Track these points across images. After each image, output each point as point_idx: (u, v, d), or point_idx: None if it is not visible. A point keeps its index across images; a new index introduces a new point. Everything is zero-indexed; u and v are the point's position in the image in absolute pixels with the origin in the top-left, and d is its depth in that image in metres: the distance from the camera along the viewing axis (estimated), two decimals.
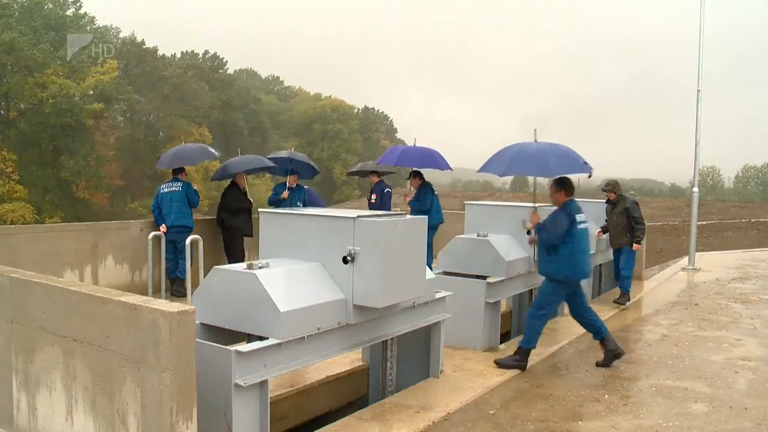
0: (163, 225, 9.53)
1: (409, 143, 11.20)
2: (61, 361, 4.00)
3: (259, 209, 5.66)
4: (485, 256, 7.52)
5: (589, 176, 7.58)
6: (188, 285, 8.33)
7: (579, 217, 6.81)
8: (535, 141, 7.65)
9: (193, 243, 8.24)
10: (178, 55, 73.89)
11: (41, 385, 4.19)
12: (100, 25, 68.00)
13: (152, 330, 3.38)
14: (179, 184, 9.92)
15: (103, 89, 57.14)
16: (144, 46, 67.87)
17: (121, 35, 71.26)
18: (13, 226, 32.68)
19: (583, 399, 5.76)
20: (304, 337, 4.53)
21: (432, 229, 9.93)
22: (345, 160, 77.44)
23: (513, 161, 7.55)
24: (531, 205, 8.22)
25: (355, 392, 6.62)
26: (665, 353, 7.30)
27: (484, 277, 7.41)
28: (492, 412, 5.41)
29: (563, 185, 7.04)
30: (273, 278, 4.47)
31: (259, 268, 4.53)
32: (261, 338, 4.40)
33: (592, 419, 5.30)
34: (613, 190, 10.49)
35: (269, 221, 5.33)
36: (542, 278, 7.19)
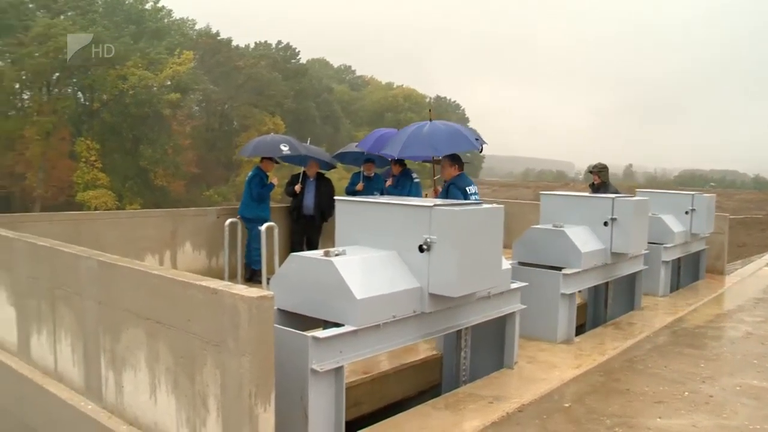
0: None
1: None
2: (145, 342, 4.12)
3: (336, 197, 5.70)
4: (561, 246, 7.40)
5: (480, 151, 8.21)
6: (263, 272, 8.47)
7: (470, 189, 7.38)
8: (430, 120, 8.25)
9: (268, 230, 8.36)
10: (252, 46, 75.07)
11: (127, 365, 4.32)
12: (177, 18, 69.60)
13: (232, 314, 3.44)
14: (250, 174, 10.10)
15: (180, 80, 58.65)
16: (219, 38, 69.19)
17: (197, 27, 72.83)
18: (98, 212, 33.87)
19: (662, 395, 5.60)
20: (379, 324, 4.54)
21: None
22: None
23: (407, 143, 8.15)
24: (607, 196, 8.09)
25: (428, 381, 6.62)
26: (750, 352, 7.01)
27: (559, 269, 7.29)
28: (567, 405, 5.33)
29: (455, 160, 7.62)
30: (350, 266, 4.50)
31: (336, 255, 4.57)
32: (337, 325, 4.43)
33: (671, 417, 5.15)
34: (598, 174, 10.23)
35: (345, 209, 5.36)
36: (620, 270, 7.10)
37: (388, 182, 10.36)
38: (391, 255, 4.92)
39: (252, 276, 9.69)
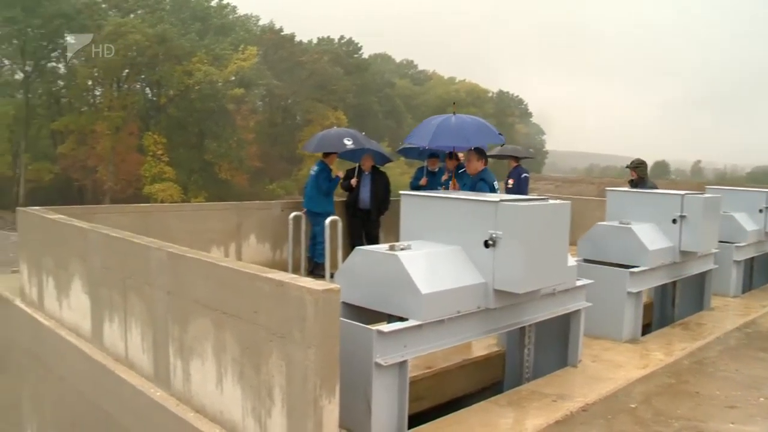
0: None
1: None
2: (212, 332, 4.19)
3: (401, 192, 5.70)
4: (628, 244, 7.25)
5: (502, 145, 8.52)
6: (327, 266, 8.53)
7: (496, 184, 7.51)
8: (454, 114, 8.33)
9: (332, 224, 8.42)
10: (315, 41, 75.62)
11: (194, 354, 4.41)
12: (241, 14, 70.69)
13: (298, 307, 3.47)
14: (315, 168, 10.07)
15: (244, 75, 59.57)
16: (282, 33, 69.95)
17: (261, 23, 73.82)
18: (167, 204, 34.65)
19: (734, 400, 5.40)
20: (443, 319, 4.54)
21: None
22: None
23: (437, 133, 8.15)
24: (676, 192, 7.88)
25: (491, 377, 6.57)
26: None
27: (625, 266, 7.15)
28: (633, 405, 5.21)
29: (483, 154, 7.66)
30: (415, 260, 4.50)
31: (401, 249, 4.57)
32: (401, 319, 4.44)
33: (745, 423, 4.96)
34: (635, 169, 9.95)
35: (410, 204, 5.36)
36: (689, 269, 6.94)
37: (444, 176, 10.31)
38: (456, 250, 4.90)
39: (314, 269, 9.77)
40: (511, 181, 11.41)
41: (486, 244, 4.75)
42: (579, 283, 5.97)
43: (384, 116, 73.66)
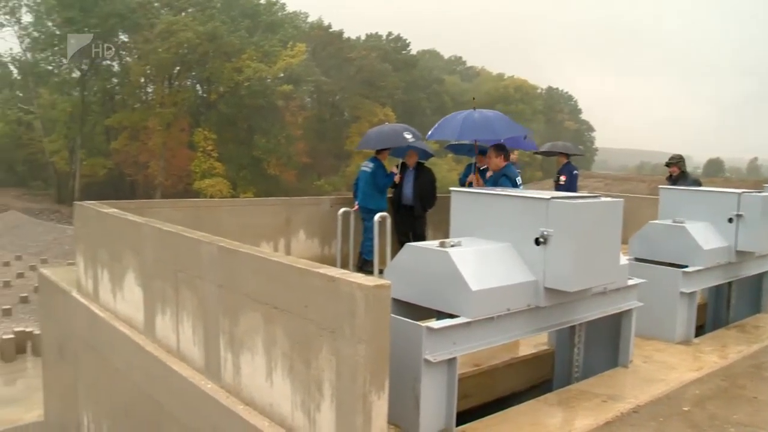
0: (356, 203, 9.77)
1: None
2: (263, 326, 4.23)
3: (451, 188, 5.68)
4: (681, 243, 7.09)
5: (525, 137, 8.47)
6: (375, 263, 8.54)
7: (519, 180, 7.62)
8: (474, 109, 8.38)
9: (381, 220, 8.42)
10: (363, 38, 75.86)
11: (244, 347, 4.46)
12: (290, 11, 71.24)
13: (349, 302, 3.48)
14: (371, 165, 9.97)
15: (293, 72, 60.05)
16: (330, 30, 70.32)
17: (309, 20, 74.32)
18: (217, 199, 35.15)
19: None
20: (493, 317, 4.51)
21: None
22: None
23: (464, 127, 8.24)
24: (732, 190, 7.70)
25: (539, 376, 6.51)
26: None
27: (679, 266, 7.00)
28: (686, 408, 5.10)
29: (503, 150, 7.79)
30: (465, 257, 4.48)
31: (451, 246, 4.56)
32: (450, 316, 4.42)
33: None
34: (677, 164, 9.66)
35: (460, 200, 5.34)
36: (746, 269, 6.78)
37: (489, 173, 10.21)
38: (506, 247, 4.87)
39: (363, 265, 9.79)
40: (563, 178, 11.28)
41: (537, 242, 4.71)
42: (631, 282, 5.87)
43: (432, 113, 73.47)
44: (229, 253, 4.59)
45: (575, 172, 11.42)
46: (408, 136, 9.67)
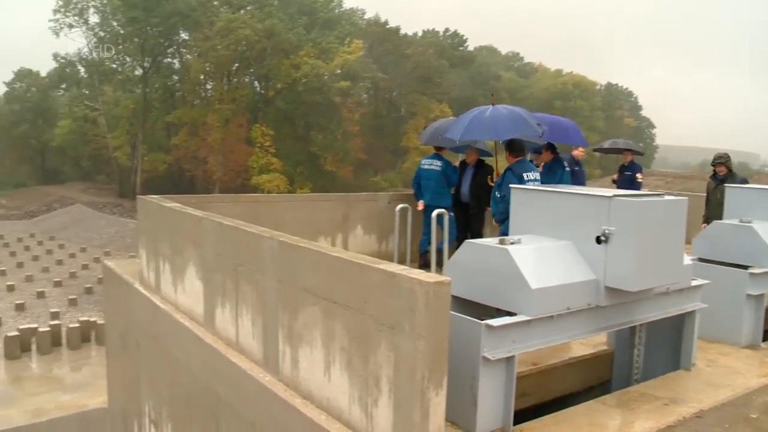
0: (421, 202, 9.63)
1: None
2: (321, 320, 4.26)
3: (510, 185, 5.63)
4: (748, 243, 6.87)
5: (542, 135, 8.24)
6: (432, 259, 8.52)
7: (527, 175, 7.73)
8: (492, 105, 8.34)
9: (440, 217, 8.38)
10: (420, 34, 75.72)
11: (303, 341, 4.50)
12: (347, 8, 71.60)
13: (409, 298, 3.48)
14: (439, 163, 9.80)
15: (350, 68, 60.33)
16: (387, 26, 70.39)
17: (366, 16, 74.56)
18: (276, 195, 35.59)
19: None
20: (553, 315, 4.45)
21: None
22: (585, 139, 75.02)
23: (469, 127, 8.19)
24: None
25: (597, 376, 6.40)
26: None
27: (745, 267, 6.79)
28: (754, 416, 4.93)
29: (510, 147, 7.95)
30: (525, 254, 4.43)
31: (511, 244, 4.52)
32: (509, 314, 4.39)
33: None
34: (725, 164, 9.28)
35: (520, 198, 5.28)
36: None
37: (539, 169, 10.05)
38: (567, 245, 4.80)
39: (427, 263, 9.70)
40: (639, 176, 11.09)
41: (598, 240, 4.63)
42: (694, 283, 5.72)
43: None
44: (289, 248, 4.63)
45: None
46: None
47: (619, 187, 10.34)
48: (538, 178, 8.00)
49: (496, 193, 8.07)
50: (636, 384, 5.73)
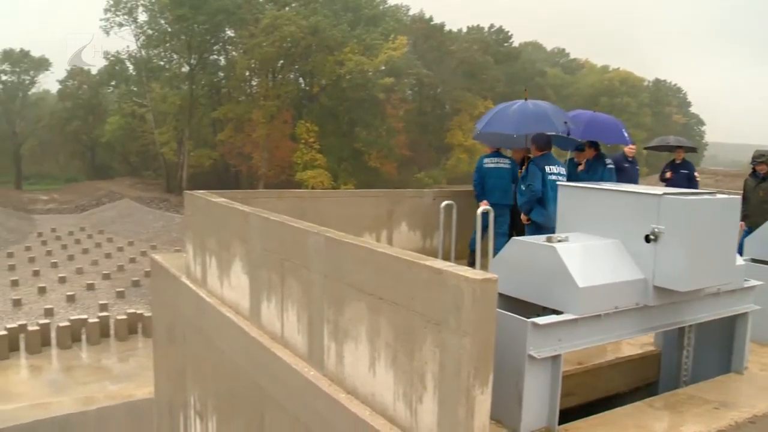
0: (485, 201, 9.27)
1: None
2: (367, 316, 4.27)
3: (558, 182, 5.58)
4: None
5: (568, 134, 8.24)
6: (477, 256, 8.47)
7: (549, 169, 7.76)
8: (525, 99, 8.32)
9: (485, 214, 8.32)
10: (464, 30, 75.39)
11: (348, 337, 4.51)
12: (391, 4, 71.60)
13: (455, 295, 3.46)
14: (506, 160, 9.56)
15: (394, 65, 60.35)
16: (432, 23, 70.21)
17: (411, 12, 74.47)
18: (321, 191, 35.82)
19: None
20: (600, 315, 4.40)
21: None
22: (632, 136, 73.90)
23: (493, 118, 8.33)
24: None
25: (644, 378, 6.31)
26: None
27: None
28: None
29: (535, 141, 7.98)
30: (572, 252, 4.39)
31: (558, 241, 4.47)
32: (556, 312, 4.34)
33: None
34: (766, 162, 8.93)
35: (567, 195, 5.23)
36: None
37: (580, 167, 9.89)
38: (615, 244, 4.74)
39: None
40: (698, 174, 10.89)
41: (647, 239, 4.56)
42: (747, 284, 5.58)
43: None
44: (335, 243, 4.64)
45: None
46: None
47: (674, 186, 10.10)
48: (562, 172, 8.01)
49: (522, 185, 8.09)
50: (684, 386, 5.62)
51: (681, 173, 11.03)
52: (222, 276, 6.96)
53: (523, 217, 8.16)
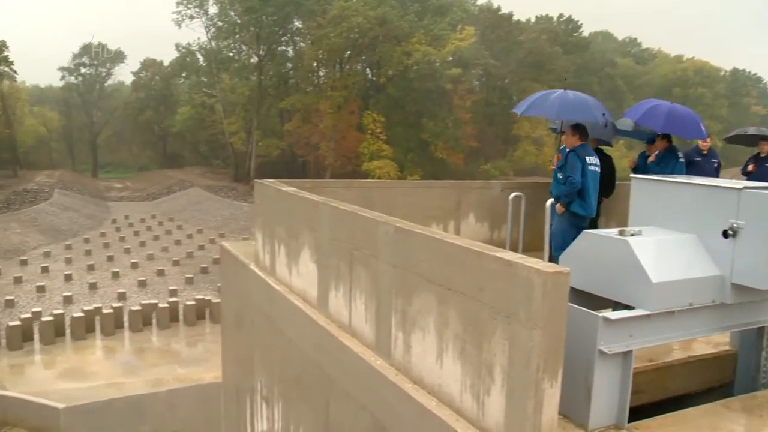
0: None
1: None
2: (435, 307, 4.26)
3: (631, 175, 5.46)
4: None
5: (605, 126, 8.27)
6: (545, 248, 8.36)
7: (590, 159, 7.74)
8: (564, 90, 8.25)
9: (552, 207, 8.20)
10: (533, 20, 74.28)
11: (416, 327, 4.51)
12: None
13: (526, 287, 3.43)
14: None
15: (461, 55, 59.97)
16: (500, 13, 69.45)
17: (479, 2, 73.85)
18: (389, 181, 35.92)
19: None
20: (674, 311, 4.29)
21: None
22: (708, 128, 71.64)
23: (534, 103, 8.35)
24: None
25: (718, 378, 6.11)
26: None
27: None
28: None
29: (578, 130, 7.90)
30: (646, 246, 4.29)
31: (632, 235, 4.38)
32: (627, 307, 4.26)
33: None
34: None
35: (641, 188, 5.11)
36: None
37: (651, 158, 9.60)
38: (690, 238, 4.61)
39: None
40: (750, 167, 10.47)
41: (725, 234, 4.42)
42: None
43: (604, 97, 70.64)
44: (405, 233, 4.64)
45: None
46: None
47: (756, 180, 9.69)
48: (598, 164, 8.00)
49: (558, 174, 7.99)
50: (763, 389, 5.42)
51: (765, 167, 10.58)
52: (291, 264, 7.05)
53: (558, 207, 8.01)
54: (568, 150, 7.97)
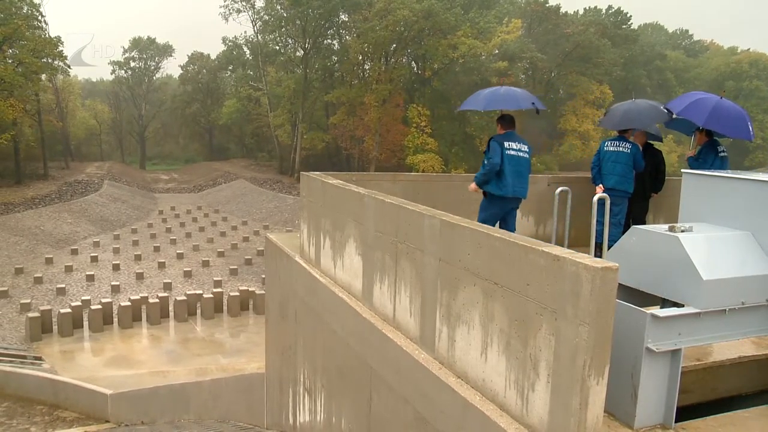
0: (601, 185, 9.08)
1: None
2: (481, 301, 4.24)
3: (683, 170, 5.35)
4: None
5: (537, 112, 8.63)
6: (591, 244, 8.24)
7: (508, 144, 8.06)
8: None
9: (601, 202, 8.07)
10: (581, 12, 73.25)
11: (461, 321, 4.50)
12: None
13: (573, 282, 3.39)
14: (627, 144, 9.20)
15: (507, 48, 59.44)
16: (547, 5, 68.62)
17: None
18: (434, 174, 35.85)
19: None
20: (725, 310, 4.20)
21: None
22: (761, 122, 69.85)
23: (488, 99, 8.41)
24: None
25: None
26: None
27: None
28: None
29: (500, 120, 8.38)
30: (697, 243, 4.20)
31: (682, 231, 4.29)
32: (676, 305, 4.18)
33: None
34: None
35: (692, 183, 5.01)
36: None
37: (690, 153, 9.31)
38: (744, 235, 4.51)
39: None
40: None
41: None
42: None
43: (653, 91, 69.55)
44: (451, 227, 4.63)
45: None
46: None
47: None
48: (524, 149, 8.27)
49: (484, 160, 8.20)
50: None
51: None
52: (335, 257, 7.08)
53: (472, 186, 8.23)
54: (490, 138, 8.27)
